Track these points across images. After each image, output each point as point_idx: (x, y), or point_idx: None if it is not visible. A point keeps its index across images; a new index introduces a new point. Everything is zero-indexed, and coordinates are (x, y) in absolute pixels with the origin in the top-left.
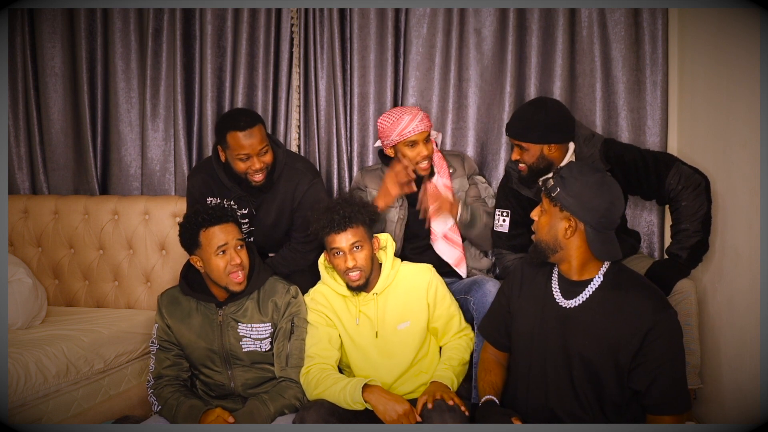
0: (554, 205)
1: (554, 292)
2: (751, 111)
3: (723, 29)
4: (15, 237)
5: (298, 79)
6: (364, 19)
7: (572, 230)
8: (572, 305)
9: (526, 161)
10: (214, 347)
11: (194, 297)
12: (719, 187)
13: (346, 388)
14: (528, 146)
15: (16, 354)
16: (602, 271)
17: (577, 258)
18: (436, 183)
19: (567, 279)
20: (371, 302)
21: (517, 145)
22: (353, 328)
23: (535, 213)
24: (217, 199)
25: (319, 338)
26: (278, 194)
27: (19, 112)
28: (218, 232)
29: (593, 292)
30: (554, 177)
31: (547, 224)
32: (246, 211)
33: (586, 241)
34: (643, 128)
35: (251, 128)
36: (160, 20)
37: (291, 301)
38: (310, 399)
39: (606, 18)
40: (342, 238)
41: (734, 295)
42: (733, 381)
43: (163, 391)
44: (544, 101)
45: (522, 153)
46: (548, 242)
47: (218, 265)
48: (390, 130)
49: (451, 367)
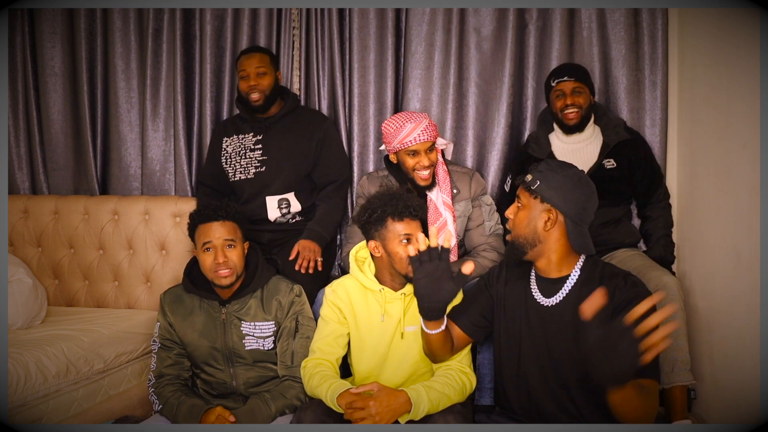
0: (534, 197)
1: (534, 292)
2: (751, 111)
3: (723, 29)
4: (15, 237)
5: (298, 80)
6: (364, 19)
7: (552, 222)
8: (552, 303)
9: (582, 104)
10: (216, 345)
11: (198, 294)
12: (719, 187)
13: (327, 393)
14: (584, 88)
15: (16, 354)
16: (578, 266)
17: (555, 251)
18: (435, 199)
19: (544, 278)
20: (397, 301)
21: (574, 88)
22: (373, 325)
23: (511, 211)
24: (233, 136)
25: (327, 333)
26: (299, 125)
27: (19, 112)
28: (205, 230)
29: (572, 288)
30: (532, 172)
31: (525, 218)
32: (261, 137)
33: (564, 234)
34: (643, 128)
35: (253, 53)
36: (160, 20)
37: (295, 299)
38: (307, 392)
39: (606, 18)
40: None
41: (734, 295)
42: (733, 381)
43: (164, 390)
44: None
45: (578, 97)
46: (527, 236)
47: (204, 261)
48: (392, 136)
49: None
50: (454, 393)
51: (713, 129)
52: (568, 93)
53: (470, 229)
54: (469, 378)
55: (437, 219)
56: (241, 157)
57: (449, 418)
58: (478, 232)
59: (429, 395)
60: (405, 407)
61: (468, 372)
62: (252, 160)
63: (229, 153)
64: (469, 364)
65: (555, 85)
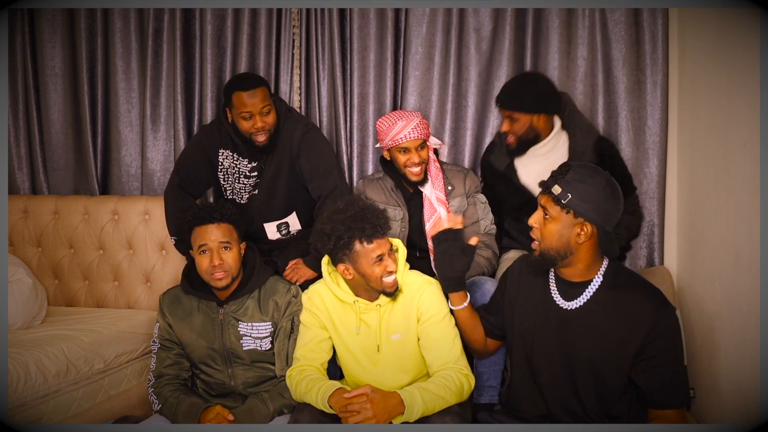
0: (566, 212)
1: (553, 294)
2: (751, 111)
3: (723, 29)
4: (15, 237)
5: (298, 79)
6: (364, 19)
7: (586, 235)
8: (573, 306)
9: (516, 132)
10: (214, 346)
11: (195, 295)
12: (719, 187)
13: (318, 396)
14: (518, 116)
15: (16, 354)
16: (602, 271)
17: (585, 260)
18: (429, 195)
19: (566, 281)
20: (373, 312)
21: (507, 116)
22: (351, 337)
23: (536, 220)
24: (229, 151)
25: (308, 339)
26: (278, 146)
27: (19, 112)
28: (201, 232)
29: (594, 293)
30: (559, 182)
31: (557, 231)
32: (255, 164)
33: (596, 243)
34: (643, 128)
35: (255, 89)
36: (160, 20)
37: (291, 300)
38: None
39: (606, 18)
40: (383, 245)
41: (734, 295)
42: (733, 381)
43: (163, 390)
44: (532, 74)
45: (512, 124)
46: (559, 249)
47: (201, 263)
48: (384, 133)
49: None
50: (451, 395)
51: (713, 129)
52: (505, 119)
53: (465, 226)
54: (468, 379)
55: (432, 214)
56: (235, 180)
57: (446, 419)
58: (472, 230)
59: (423, 397)
60: (399, 409)
61: (466, 373)
62: (246, 185)
63: (226, 168)
64: (466, 365)
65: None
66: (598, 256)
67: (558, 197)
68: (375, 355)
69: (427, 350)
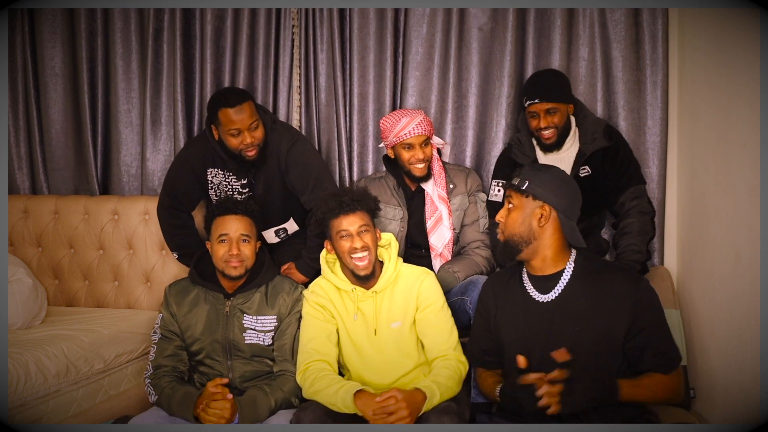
0: (526, 196)
1: (529, 291)
2: (751, 111)
3: (723, 29)
4: (15, 237)
5: (298, 79)
6: (364, 19)
7: (546, 218)
8: (551, 298)
9: (558, 123)
10: (217, 337)
11: (203, 286)
12: (719, 187)
13: (339, 393)
14: (558, 107)
15: (16, 354)
16: (571, 260)
17: (550, 246)
18: (431, 193)
19: (538, 276)
20: (370, 299)
21: (547, 109)
22: (351, 323)
23: (501, 215)
24: (218, 169)
25: (317, 333)
26: (274, 156)
27: (19, 112)
28: (222, 222)
29: (568, 282)
30: (518, 175)
31: (519, 217)
32: (245, 181)
33: (558, 229)
34: (643, 128)
35: (241, 104)
36: (160, 20)
37: (299, 297)
38: (305, 396)
39: (606, 18)
40: (350, 220)
41: (734, 295)
42: (733, 381)
43: (160, 381)
44: (552, 69)
45: (552, 117)
46: (522, 234)
47: (217, 251)
48: (388, 131)
49: (437, 383)
50: (456, 384)
51: (713, 129)
52: (542, 114)
53: (466, 224)
54: (465, 366)
55: (434, 212)
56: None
57: (445, 419)
58: (473, 229)
59: (440, 391)
60: (422, 404)
61: (463, 360)
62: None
63: (216, 185)
64: (462, 351)
65: (527, 106)
66: (565, 246)
67: (518, 185)
68: (374, 340)
69: (427, 336)
